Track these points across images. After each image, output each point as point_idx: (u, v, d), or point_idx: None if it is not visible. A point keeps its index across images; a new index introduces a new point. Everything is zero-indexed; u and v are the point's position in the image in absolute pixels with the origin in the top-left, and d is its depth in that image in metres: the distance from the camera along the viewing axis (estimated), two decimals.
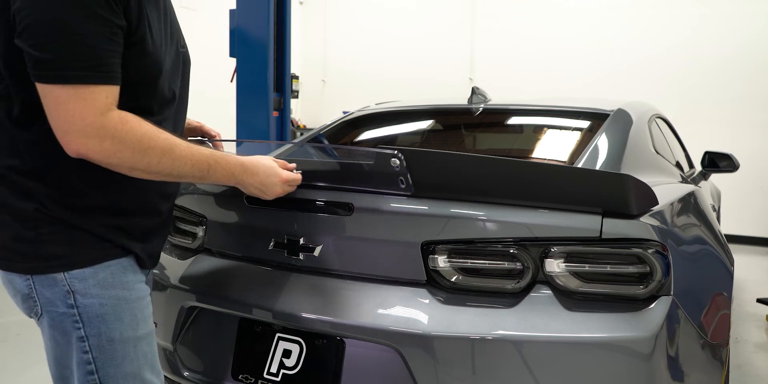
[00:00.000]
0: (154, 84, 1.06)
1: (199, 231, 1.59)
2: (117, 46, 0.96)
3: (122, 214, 1.06)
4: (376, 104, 2.58)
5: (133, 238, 1.09)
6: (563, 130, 1.97)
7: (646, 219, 1.19)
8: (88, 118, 0.92)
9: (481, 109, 2.11)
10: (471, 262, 1.26)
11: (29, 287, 1.04)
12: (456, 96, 2.40)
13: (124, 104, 0.98)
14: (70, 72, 0.91)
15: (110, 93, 0.95)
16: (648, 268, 1.18)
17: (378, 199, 1.30)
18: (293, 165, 1.31)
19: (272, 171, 1.23)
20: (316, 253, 1.36)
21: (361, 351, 1.29)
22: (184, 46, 1.20)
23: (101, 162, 0.97)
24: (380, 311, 1.27)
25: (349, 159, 1.31)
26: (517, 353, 1.15)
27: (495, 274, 1.27)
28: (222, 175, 1.12)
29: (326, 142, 2.14)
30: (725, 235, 1.75)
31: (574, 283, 1.21)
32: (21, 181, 1.01)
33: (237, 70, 3.80)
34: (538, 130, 2.04)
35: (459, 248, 1.26)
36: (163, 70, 1.07)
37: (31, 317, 1.09)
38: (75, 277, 1.02)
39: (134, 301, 1.08)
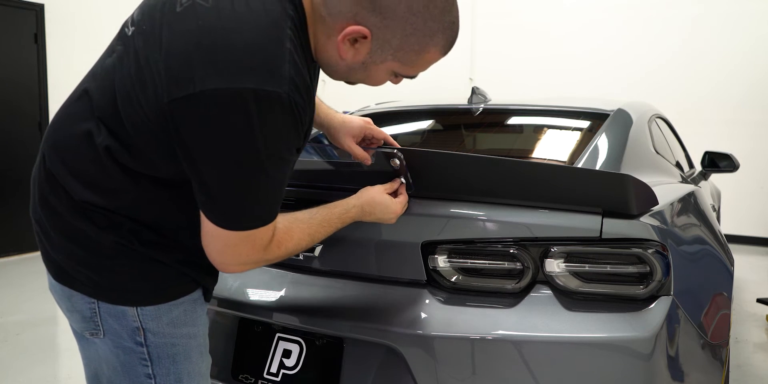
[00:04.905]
0: None
1: None
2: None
3: (197, 248, 0.99)
4: (376, 104, 2.57)
5: (203, 271, 1.05)
6: (563, 130, 1.97)
7: (646, 219, 1.19)
8: (252, 255, 0.94)
9: (481, 109, 2.11)
10: (471, 262, 1.26)
11: (92, 311, 0.98)
12: (456, 96, 2.40)
13: None
14: (247, 223, 0.91)
15: (272, 226, 0.95)
16: (648, 268, 1.18)
17: None
18: (398, 183, 1.26)
19: (387, 209, 1.19)
20: (316, 253, 1.36)
21: (361, 351, 1.29)
22: None
23: None
24: (380, 311, 1.27)
25: (349, 159, 1.31)
26: (517, 353, 1.15)
27: (495, 274, 1.26)
28: (346, 224, 1.16)
29: (326, 142, 2.14)
30: (725, 235, 1.74)
31: (574, 283, 1.21)
32: (105, 214, 0.95)
33: None
34: (538, 130, 2.04)
35: (459, 248, 1.26)
36: None
37: (83, 334, 1.03)
38: (148, 315, 0.97)
39: (201, 337, 1.06)
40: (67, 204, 0.96)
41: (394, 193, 1.25)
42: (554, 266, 1.20)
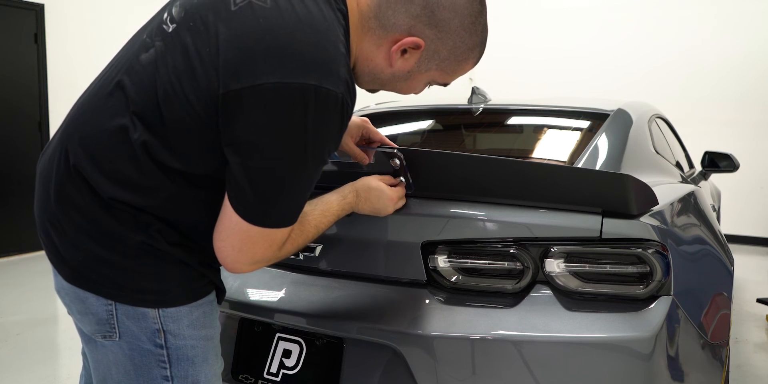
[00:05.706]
0: None
1: None
2: None
3: (212, 250, 0.98)
4: (376, 104, 2.57)
5: (218, 272, 1.05)
6: (563, 130, 1.97)
7: (646, 219, 1.19)
8: (267, 255, 0.96)
9: (481, 109, 2.11)
10: (471, 262, 1.26)
11: (109, 313, 0.95)
12: (456, 96, 2.40)
13: None
14: (274, 220, 0.92)
15: (291, 228, 0.97)
16: (648, 268, 1.18)
17: None
18: (397, 180, 1.26)
19: (382, 195, 1.20)
20: (316, 253, 1.36)
21: (361, 351, 1.29)
22: None
23: None
24: (380, 311, 1.27)
25: (348, 159, 1.31)
26: (517, 353, 1.15)
27: (495, 274, 1.27)
28: (346, 212, 1.17)
29: None
30: (725, 235, 1.74)
31: (574, 283, 1.21)
32: (133, 213, 0.93)
33: None
34: (538, 130, 2.04)
35: (459, 248, 1.26)
36: None
37: (93, 338, 0.99)
38: (169, 316, 0.96)
39: (216, 339, 1.06)
40: (92, 201, 0.93)
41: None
42: (554, 266, 1.21)
